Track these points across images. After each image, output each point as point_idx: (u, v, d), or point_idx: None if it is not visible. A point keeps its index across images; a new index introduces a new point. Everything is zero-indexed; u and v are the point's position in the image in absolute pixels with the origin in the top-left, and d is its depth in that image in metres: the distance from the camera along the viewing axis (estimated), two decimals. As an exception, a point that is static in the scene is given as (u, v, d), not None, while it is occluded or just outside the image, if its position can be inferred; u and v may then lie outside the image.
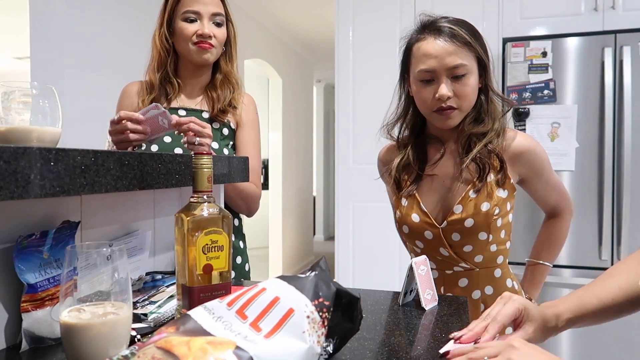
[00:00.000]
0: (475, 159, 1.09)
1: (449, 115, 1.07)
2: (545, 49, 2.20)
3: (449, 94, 1.04)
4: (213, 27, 1.32)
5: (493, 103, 1.13)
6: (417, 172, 1.16)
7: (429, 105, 1.08)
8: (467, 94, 1.06)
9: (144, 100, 1.33)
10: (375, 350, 0.70)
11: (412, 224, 1.14)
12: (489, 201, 1.07)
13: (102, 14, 2.34)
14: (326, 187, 8.06)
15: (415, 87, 1.10)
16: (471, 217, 1.07)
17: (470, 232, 1.08)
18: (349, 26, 2.68)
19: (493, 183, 1.09)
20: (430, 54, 1.05)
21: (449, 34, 1.05)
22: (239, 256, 1.41)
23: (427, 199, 1.14)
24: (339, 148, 2.71)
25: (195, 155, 0.71)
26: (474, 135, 1.11)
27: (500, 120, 1.13)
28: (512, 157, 1.11)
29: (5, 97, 0.75)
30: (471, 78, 1.06)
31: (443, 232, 1.10)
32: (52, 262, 0.71)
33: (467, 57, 1.05)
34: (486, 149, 1.10)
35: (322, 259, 0.62)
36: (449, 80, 1.05)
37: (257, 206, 1.41)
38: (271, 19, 4.56)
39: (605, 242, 2.11)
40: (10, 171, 0.53)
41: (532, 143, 1.13)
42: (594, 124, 2.15)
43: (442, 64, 1.04)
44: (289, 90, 5.33)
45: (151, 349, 0.49)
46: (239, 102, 1.39)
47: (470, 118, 1.11)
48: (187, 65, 1.36)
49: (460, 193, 1.10)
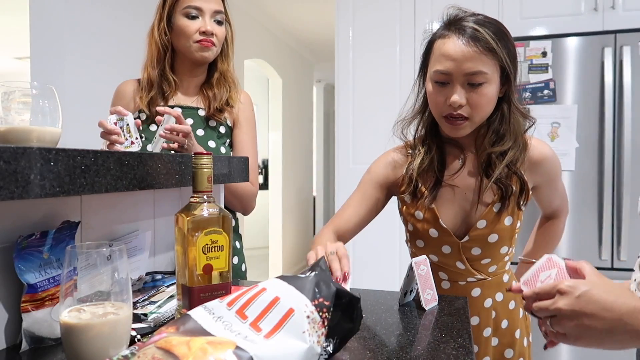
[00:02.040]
0: (497, 181, 1.02)
1: (459, 125, 0.99)
2: (545, 49, 2.20)
3: (461, 102, 0.96)
4: (214, 24, 1.32)
5: (515, 116, 1.03)
6: (436, 179, 1.07)
7: (440, 110, 1.01)
8: (482, 105, 0.97)
9: (142, 98, 1.32)
10: (375, 350, 0.70)
11: (429, 238, 1.08)
12: (511, 214, 1.04)
13: (102, 14, 2.34)
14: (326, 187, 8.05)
15: (430, 86, 1.03)
16: (495, 232, 1.03)
17: (493, 246, 1.05)
18: (349, 26, 2.68)
19: (515, 204, 1.04)
20: (449, 55, 0.96)
21: (472, 36, 0.95)
22: (236, 256, 1.41)
23: (445, 211, 1.07)
24: (339, 148, 2.70)
25: (195, 155, 0.71)
26: (494, 154, 1.03)
27: (522, 136, 1.05)
28: (530, 165, 1.07)
29: (5, 97, 0.75)
30: (489, 88, 0.97)
31: (462, 246, 1.06)
32: (52, 262, 0.71)
33: (489, 64, 0.95)
34: (508, 169, 1.03)
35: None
36: (464, 87, 0.97)
37: (253, 205, 1.41)
38: (271, 19, 4.56)
39: (605, 242, 2.11)
40: (10, 171, 0.53)
41: (549, 152, 1.08)
42: (594, 124, 2.15)
43: (460, 68, 0.95)
44: (289, 90, 5.32)
45: (151, 349, 0.49)
46: (235, 101, 1.39)
47: (489, 135, 1.03)
48: (184, 62, 1.36)
49: (482, 208, 1.05)
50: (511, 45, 0.99)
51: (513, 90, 1.02)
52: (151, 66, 1.34)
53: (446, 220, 1.06)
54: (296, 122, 5.60)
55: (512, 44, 0.99)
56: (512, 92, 1.02)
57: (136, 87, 1.36)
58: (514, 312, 1.13)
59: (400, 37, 2.59)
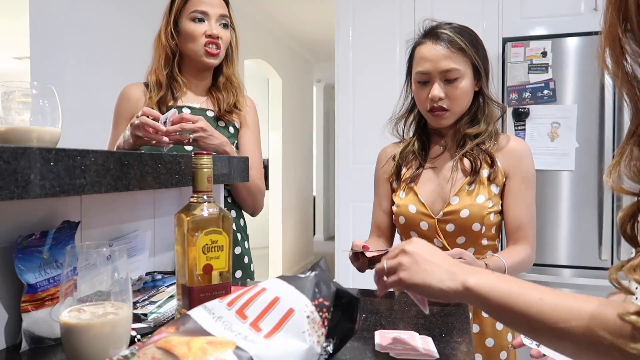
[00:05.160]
0: (467, 154, 1.16)
1: (441, 116, 1.15)
2: (545, 49, 2.20)
3: (440, 95, 1.12)
4: (220, 28, 1.33)
5: (489, 107, 1.20)
6: (419, 163, 1.22)
7: (425, 105, 1.17)
8: (458, 97, 1.14)
9: (151, 98, 1.33)
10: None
11: (408, 214, 1.18)
12: (483, 194, 1.13)
13: (102, 14, 2.34)
14: (326, 187, 8.06)
15: (414, 87, 1.19)
16: (467, 207, 1.12)
17: (465, 222, 1.12)
18: (349, 26, 2.68)
19: (485, 178, 1.14)
20: (427, 57, 1.14)
21: (446, 39, 1.13)
22: (246, 256, 1.43)
23: (424, 190, 1.19)
24: (339, 148, 2.70)
25: (195, 155, 0.71)
26: (467, 136, 1.18)
27: (495, 124, 1.20)
28: (504, 153, 1.17)
29: (5, 97, 0.75)
30: (463, 82, 1.13)
31: (438, 222, 1.15)
32: (52, 262, 0.71)
33: (461, 62, 1.12)
34: (478, 147, 1.17)
35: (322, 259, 0.62)
36: (442, 83, 1.13)
37: (262, 204, 1.44)
38: (271, 19, 4.56)
39: (605, 242, 2.11)
40: (10, 171, 0.53)
41: (526, 146, 1.20)
42: (594, 124, 2.15)
43: (436, 67, 1.12)
44: (289, 90, 5.33)
45: (151, 349, 0.49)
46: (243, 105, 1.43)
47: (466, 119, 1.19)
48: (191, 66, 1.37)
49: (457, 185, 1.16)
50: (481, 47, 1.17)
51: (485, 83, 1.19)
52: (159, 70, 1.35)
53: (424, 197, 1.18)
54: (296, 122, 5.60)
55: (482, 46, 1.18)
56: (484, 85, 1.19)
57: (143, 90, 1.37)
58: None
59: (400, 37, 2.58)
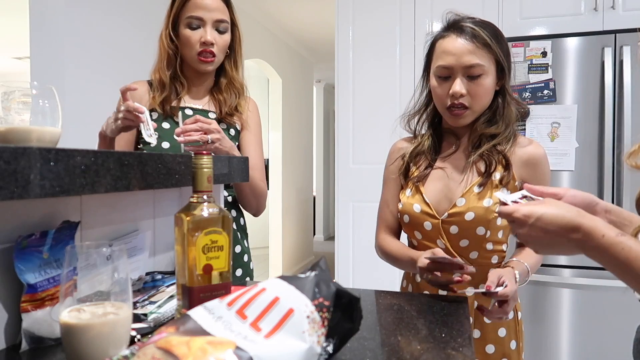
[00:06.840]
0: (483, 155, 1.12)
1: (460, 114, 1.10)
2: (545, 49, 2.20)
3: (462, 92, 1.07)
4: (215, 34, 1.32)
5: (509, 107, 1.15)
6: (428, 162, 1.19)
7: (444, 101, 1.11)
8: (480, 94, 1.09)
9: (154, 97, 1.34)
10: (375, 350, 0.70)
11: (412, 213, 1.15)
12: (491, 197, 1.09)
13: (102, 14, 2.34)
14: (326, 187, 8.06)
15: (434, 81, 1.13)
16: (472, 210, 1.09)
17: (469, 225, 1.10)
18: (349, 26, 2.68)
19: (497, 182, 1.10)
20: (449, 51, 1.08)
21: (470, 33, 1.08)
22: (245, 254, 1.43)
23: (430, 190, 1.16)
24: (339, 148, 2.71)
25: (195, 155, 0.71)
26: (484, 136, 1.13)
27: (513, 125, 1.15)
28: (521, 159, 1.13)
29: (5, 97, 0.75)
30: (486, 79, 1.08)
31: (442, 223, 1.12)
32: (52, 262, 0.71)
33: (485, 58, 1.08)
34: (495, 149, 1.12)
35: (322, 259, 0.62)
36: (464, 79, 1.08)
37: (265, 205, 1.44)
38: (271, 19, 4.56)
39: (605, 242, 2.11)
40: (10, 171, 0.53)
41: (543, 152, 1.16)
42: (594, 124, 2.15)
43: (459, 62, 1.07)
44: (289, 90, 5.32)
45: (151, 349, 0.49)
46: (244, 109, 1.42)
47: (484, 118, 1.14)
48: (191, 69, 1.38)
49: (464, 187, 1.12)
50: (504, 43, 1.11)
51: (508, 82, 1.14)
52: (162, 69, 1.36)
53: (430, 197, 1.15)
54: (296, 122, 5.60)
55: (505, 42, 1.12)
56: (507, 83, 1.13)
57: (147, 88, 1.37)
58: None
59: (400, 37, 2.59)
